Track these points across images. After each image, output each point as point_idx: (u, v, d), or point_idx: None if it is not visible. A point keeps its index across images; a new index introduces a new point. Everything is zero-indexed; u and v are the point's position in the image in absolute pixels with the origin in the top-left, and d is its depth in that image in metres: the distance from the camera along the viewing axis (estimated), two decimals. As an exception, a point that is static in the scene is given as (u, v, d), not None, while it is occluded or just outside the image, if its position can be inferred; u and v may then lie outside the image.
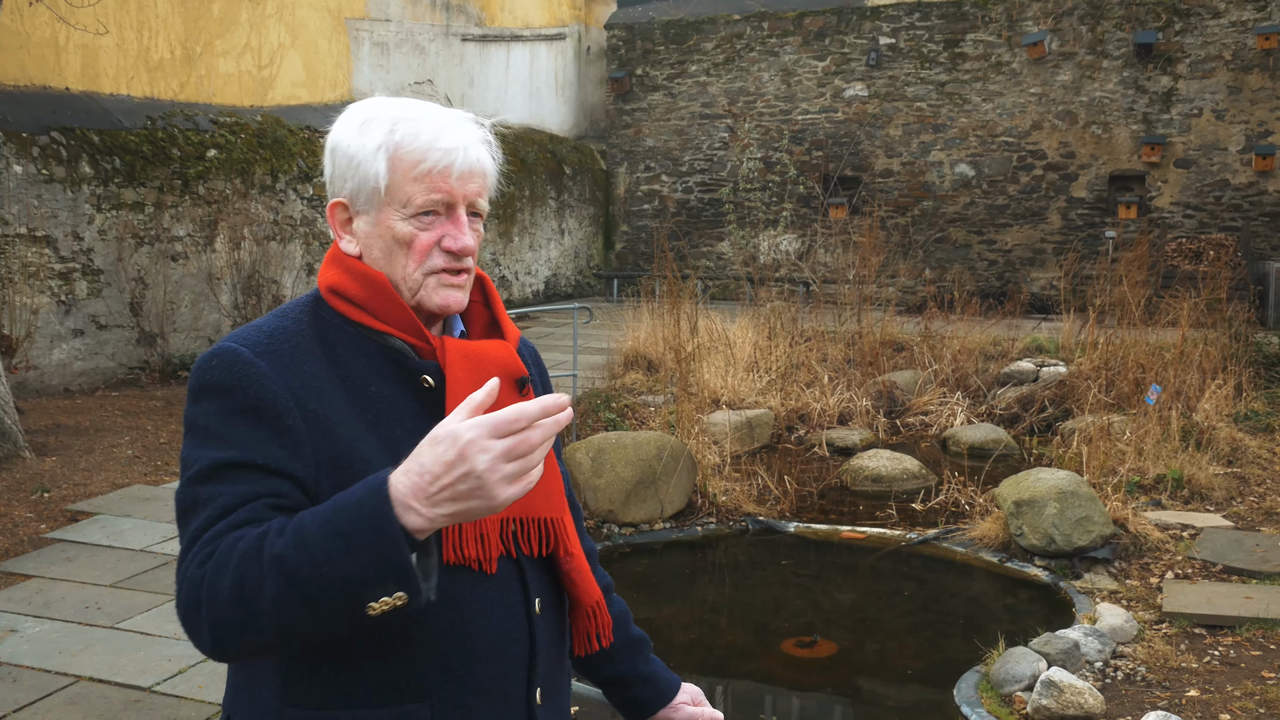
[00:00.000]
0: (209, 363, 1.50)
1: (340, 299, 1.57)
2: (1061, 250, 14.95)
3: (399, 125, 1.56)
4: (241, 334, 1.53)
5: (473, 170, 1.58)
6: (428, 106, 1.60)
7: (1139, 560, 6.36)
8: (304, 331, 1.55)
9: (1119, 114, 15.10)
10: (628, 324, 11.26)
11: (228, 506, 1.40)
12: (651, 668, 1.90)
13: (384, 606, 1.31)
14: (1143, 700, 4.72)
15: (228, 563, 1.34)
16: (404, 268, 1.57)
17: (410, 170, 1.54)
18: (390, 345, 1.56)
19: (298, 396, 1.47)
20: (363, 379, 1.53)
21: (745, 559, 7.30)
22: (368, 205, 1.57)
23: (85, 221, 9.89)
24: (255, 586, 1.32)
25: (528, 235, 16.43)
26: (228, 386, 1.47)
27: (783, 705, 5.37)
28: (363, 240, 1.59)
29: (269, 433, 1.45)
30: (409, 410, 1.55)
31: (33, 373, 9.42)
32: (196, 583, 1.36)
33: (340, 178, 1.59)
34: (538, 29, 17.27)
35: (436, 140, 1.55)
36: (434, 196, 1.55)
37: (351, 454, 1.47)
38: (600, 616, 1.73)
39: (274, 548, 1.33)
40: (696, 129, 17.53)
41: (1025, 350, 11.28)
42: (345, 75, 13.67)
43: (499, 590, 1.56)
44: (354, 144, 1.57)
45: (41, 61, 10.07)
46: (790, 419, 10.00)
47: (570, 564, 1.67)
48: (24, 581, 5.56)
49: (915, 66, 16.13)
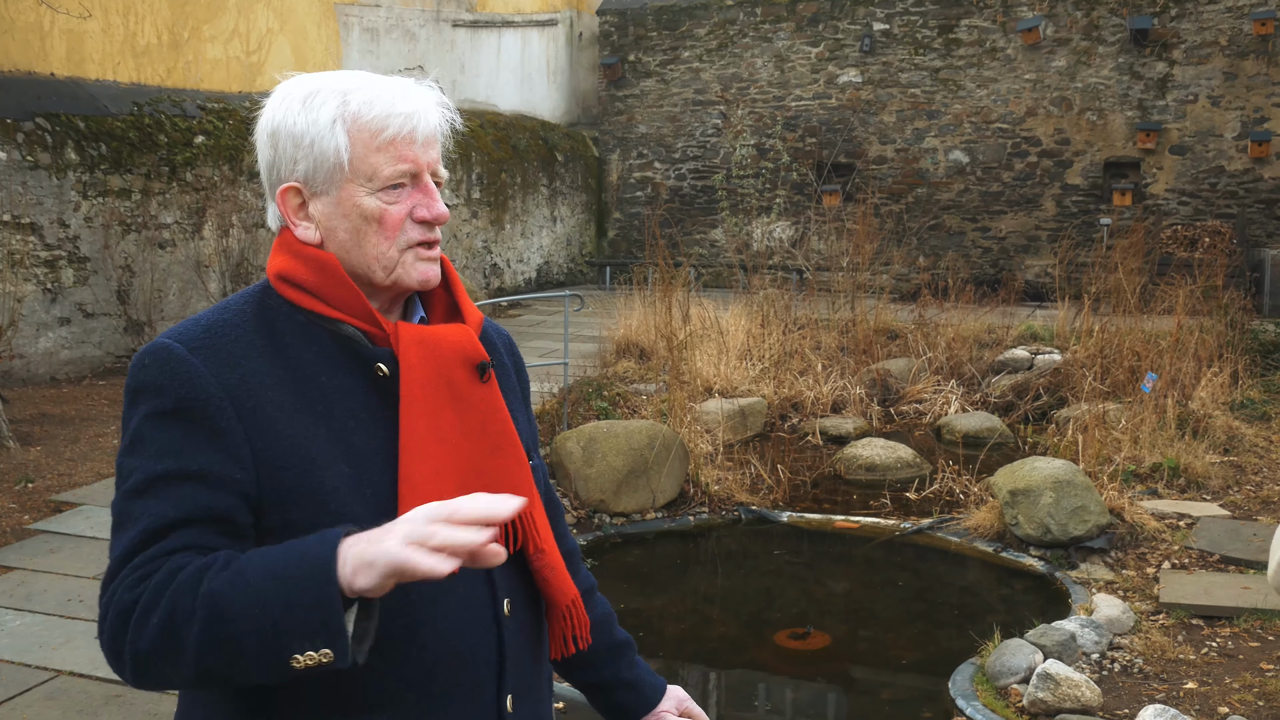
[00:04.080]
0: (142, 361, 1.42)
1: (289, 285, 1.48)
2: (1056, 237, 14.86)
3: (351, 95, 1.47)
4: (178, 329, 1.45)
5: (434, 135, 1.50)
6: (370, 75, 1.51)
7: (1135, 550, 6.30)
8: (246, 324, 1.46)
9: (1114, 100, 15.02)
10: (620, 312, 11.17)
11: (158, 530, 1.33)
12: (635, 673, 1.81)
13: (309, 661, 1.25)
14: (1140, 692, 4.66)
15: (163, 591, 1.28)
16: (376, 246, 1.48)
17: (372, 140, 1.45)
18: (342, 332, 1.48)
19: (234, 394, 1.39)
20: (312, 369, 1.45)
21: (738, 549, 7.24)
22: (327, 185, 1.47)
23: (71, 209, 9.78)
24: (185, 619, 1.26)
25: (519, 222, 16.32)
26: (159, 385, 1.39)
27: (776, 698, 5.31)
28: (323, 224, 1.49)
29: (203, 435, 1.37)
30: (362, 401, 1.46)
31: (19, 361, 9.31)
32: (126, 608, 1.29)
33: (287, 161, 1.48)
34: (529, 15, 17.14)
35: (394, 105, 1.46)
36: (401, 167, 1.46)
37: (296, 452, 1.39)
38: (576, 616, 1.64)
39: (212, 583, 1.27)
40: (689, 115, 17.42)
41: (1020, 338, 11.21)
42: (335, 61, 13.54)
43: (462, 591, 1.47)
44: (300, 122, 1.46)
45: (26, 46, 9.94)
46: (784, 407, 9.94)
47: (542, 561, 1.58)
48: (6, 574, 5.48)
49: (909, 52, 16.03)
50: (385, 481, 1.43)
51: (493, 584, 1.51)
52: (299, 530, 1.36)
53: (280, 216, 1.52)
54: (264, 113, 1.51)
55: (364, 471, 1.42)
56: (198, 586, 1.26)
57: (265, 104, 1.52)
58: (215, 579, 1.27)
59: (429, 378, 1.48)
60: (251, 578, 1.26)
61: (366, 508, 1.40)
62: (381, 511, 1.40)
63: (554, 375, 9.11)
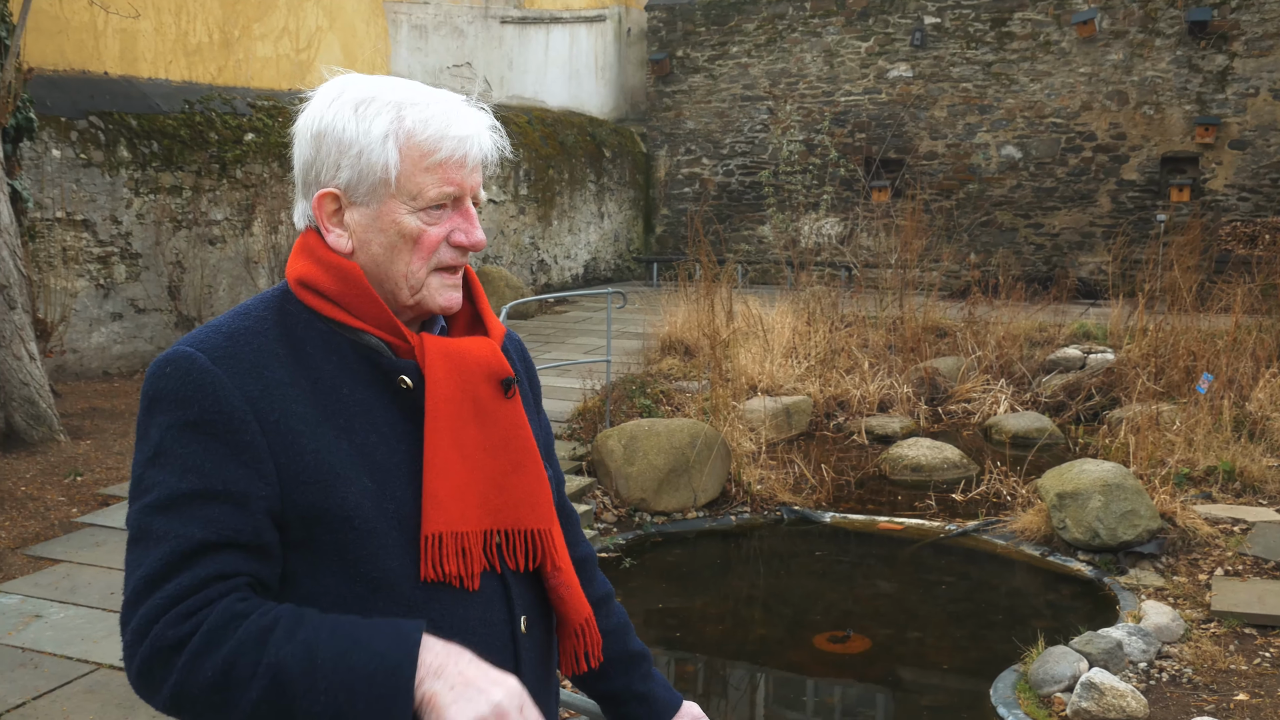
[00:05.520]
0: (163, 369, 1.39)
1: (310, 292, 1.45)
2: (1111, 234, 14.61)
3: (405, 109, 1.43)
4: (199, 336, 1.42)
5: (484, 161, 1.48)
6: (423, 88, 1.48)
7: (1187, 556, 6.16)
8: (268, 331, 1.43)
9: (1171, 94, 14.72)
10: (665, 309, 11.13)
11: (185, 553, 1.31)
12: (649, 685, 1.76)
13: None
14: (1188, 703, 4.54)
15: (218, 641, 1.27)
16: (407, 264, 1.45)
17: (422, 160, 1.42)
18: (364, 343, 1.44)
19: (257, 407, 1.36)
20: (333, 381, 1.42)
21: (779, 549, 7.17)
22: (369, 197, 1.44)
23: (123, 205, 9.90)
24: (244, 679, 1.26)
25: (567, 219, 16.32)
26: (182, 397, 1.36)
27: (812, 701, 5.25)
28: (357, 234, 1.45)
29: (226, 451, 1.34)
30: (384, 415, 1.43)
31: (72, 356, 9.45)
32: (170, 645, 1.28)
33: (329, 165, 1.44)
34: (578, 11, 17.12)
35: (449, 128, 1.43)
36: (447, 189, 1.44)
37: (319, 466, 1.36)
38: (589, 635, 1.61)
39: (279, 651, 1.26)
40: (738, 111, 17.32)
41: (1072, 336, 11.02)
42: (383, 58, 13.61)
43: (482, 610, 1.45)
44: (350, 129, 1.43)
45: (80, 46, 10.08)
46: (829, 406, 9.84)
47: (558, 579, 1.55)
48: (52, 566, 5.55)
49: (961, 46, 15.81)
50: (407, 497, 1.41)
51: (511, 602, 1.49)
52: (323, 546, 1.36)
53: (310, 217, 1.49)
54: (309, 110, 1.47)
55: (386, 486, 1.40)
56: (262, 649, 1.26)
57: (310, 101, 1.49)
58: (283, 648, 1.26)
59: (454, 392, 1.45)
60: (322, 659, 1.26)
61: (388, 522, 1.39)
62: (402, 527, 1.39)
63: (596, 372, 9.08)
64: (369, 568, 1.37)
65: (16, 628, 4.83)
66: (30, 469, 6.84)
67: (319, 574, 1.37)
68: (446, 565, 1.40)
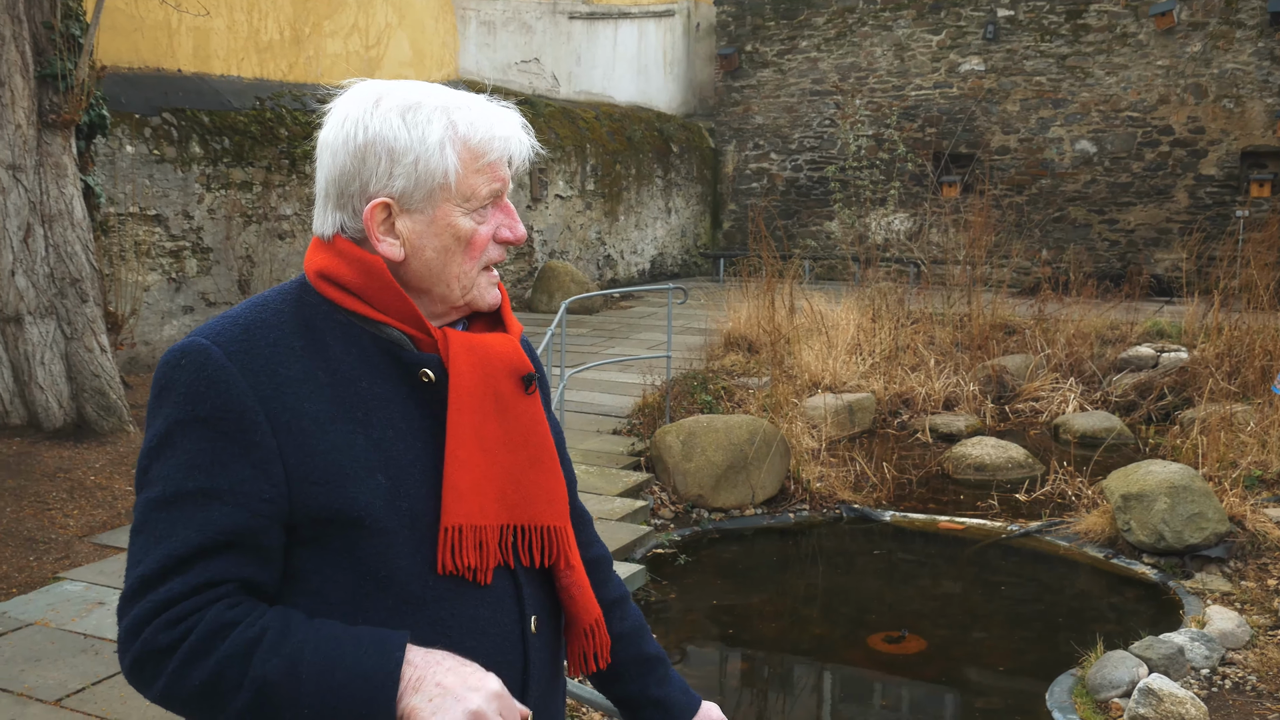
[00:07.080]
0: (177, 360, 1.38)
1: (331, 285, 1.44)
2: (1188, 230, 14.25)
3: (454, 114, 1.43)
4: (215, 328, 1.41)
5: (526, 158, 1.50)
6: (457, 92, 1.48)
7: (1256, 560, 5.99)
8: (285, 323, 1.41)
9: (1252, 87, 14.33)
10: (729, 304, 11.08)
11: (184, 557, 1.32)
12: (665, 690, 1.72)
13: None
14: (1251, 712, 4.42)
15: (207, 651, 1.29)
16: (460, 265, 1.45)
17: (474, 162, 1.43)
18: (386, 336, 1.44)
19: (269, 406, 1.35)
20: (352, 374, 1.41)
21: (837, 548, 7.11)
22: (424, 203, 1.43)
23: (195, 200, 10.10)
24: (230, 690, 1.28)
25: (634, 214, 16.33)
26: (193, 391, 1.35)
27: (864, 701, 5.20)
28: (411, 242, 1.43)
29: (234, 450, 1.34)
30: (401, 409, 1.42)
31: (144, 348, 9.67)
32: (159, 650, 1.30)
33: (380, 175, 1.42)
34: (646, 6, 17.11)
35: (494, 129, 1.44)
36: (495, 186, 1.45)
37: (330, 466, 1.35)
38: (598, 636, 1.59)
39: (265, 666, 1.28)
40: (806, 106, 17.20)
41: (1145, 335, 10.78)
42: (452, 54, 13.72)
43: (492, 608, 1.44)
44: (403, 137, 1.41)
45: (154, 44, 10.29)
46: (893, 403, 9.73)
47: (570, 578, 1.54)
48: (117, 555, 5.67)
49: (1035, 39, 15.54)
50: (421, 494, 1.40)
51: (521, 601, 1.48)
52: (333, 545, 1.36)
53: (336, 224, 1.46)
54: (342, 121, 1.45)
55: (401, 483, 1.39)
56: (247, 662, 1.28)
57: (333, 111, 1.47)
58: (268, 662, 1.28)
59: (477, 386, 1.45)
60: (305, 675, 1.28)
61: (400, 521, 1.38)
62: (415, 525, 1.38)
63: (658, 368, 9.08)
64: (378, 566, 1.37)
65: (80, 614, 4.95)
66: (100, 459, 7.01)
67: (328, 571, 1.37)
68: (466, 558, 1.39)
